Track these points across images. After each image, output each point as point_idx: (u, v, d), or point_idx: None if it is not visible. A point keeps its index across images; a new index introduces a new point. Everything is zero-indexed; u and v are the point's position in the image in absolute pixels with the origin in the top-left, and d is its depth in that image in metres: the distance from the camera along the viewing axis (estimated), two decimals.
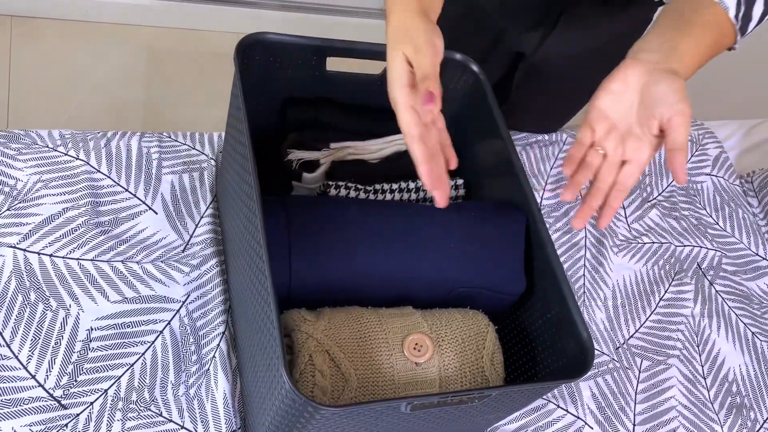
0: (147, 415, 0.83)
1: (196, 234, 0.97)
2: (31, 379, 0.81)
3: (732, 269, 1.23)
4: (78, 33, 2.03)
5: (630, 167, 0.73)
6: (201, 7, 2.11)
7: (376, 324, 0.78)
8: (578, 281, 1.12)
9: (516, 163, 0.86)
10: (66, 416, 0.80)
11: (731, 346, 1.13)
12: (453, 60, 0.92)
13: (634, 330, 1.11)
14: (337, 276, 0.80)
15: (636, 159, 0.72)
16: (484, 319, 0.83)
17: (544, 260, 0.82)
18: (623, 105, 0.72)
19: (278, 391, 0.66)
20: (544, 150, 1.25)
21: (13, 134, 0.98)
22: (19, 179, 0.94)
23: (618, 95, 0.72)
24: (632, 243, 1.19)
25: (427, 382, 0.76)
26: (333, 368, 0.74)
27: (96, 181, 0.97)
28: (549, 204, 1.19)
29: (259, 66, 0.87)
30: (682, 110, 0.69)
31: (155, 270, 0.92)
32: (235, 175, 0.83)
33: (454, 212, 0.87)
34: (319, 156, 0.92)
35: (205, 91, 2.04)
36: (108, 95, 1.95)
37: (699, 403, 1.06)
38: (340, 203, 0.85)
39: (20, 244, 0.89)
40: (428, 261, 0.83)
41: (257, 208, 0.69)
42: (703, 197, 1.31)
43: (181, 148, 1.05)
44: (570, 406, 1.00)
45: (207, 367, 0.87)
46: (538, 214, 0.83)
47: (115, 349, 0.86)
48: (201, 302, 0.92)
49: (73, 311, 0.87)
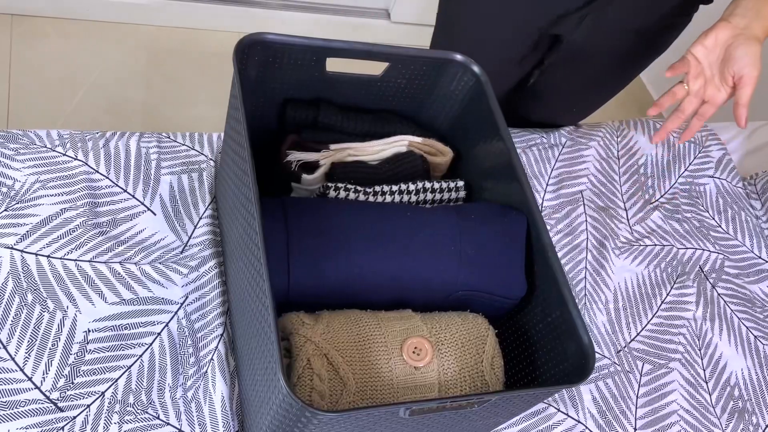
0: (144, 417, 0.82)
1: (195, 235, 0.97)
2: (27, 382, 0.81)
3: (734, 272, 1.22)
4: (78, 32, 2.03)
5: (708, 105, 0.96)
6: (201, 6, 2.11)
7: (375, 327, 0.77)
8: (579, 284, 1.12)
9: (517, 164, 0.85)
10: (62, 419, 0.80)
11: (733, 350, 1.13)
12: (454, 61, 0.91)
13: (635, 333, 1.10)
14: (335, 278, 0.79)
15: (713, 100, 0.95)
16: (484, 322, 0.82)
17: (544, 263, 0.81)
18: (711, 57, 0.93)
19: (276, 395, 0.65)
20: (544, 152, 1.24)
21: (11, 134, 0.98)
22: (17, 179, 0.94)
23: (709, 49, 0.93)
24: (634, 245, 1.19)
25: (426, 386, 0.76)
26: (331, 372, 0.73)
27: (94, 182, 0.97)
28: (550, 206, 1.19)
29: (259, 66, 0.87)
30: (750, 72, 0.91)
31: (153, 271, 0.92)
32: (234, 176, 0.82)
33: (454, 214, 0.86)
34: (319, 157, 0.91)
35: (205, 91, 2.03)
36: (107, 94, 1.94)
37: (700, 407, 1.05)
38: (339, 205, 0.85)
39: (18, 245, 0.89)
40: (428, 263, 0.82)
41: (256, 210, 0.68)
42: (705, 199, 1.30)
43: (180, 148, 1.04)
44: (570, 409, 0.99)
45: (205, 369, 0.87)
46: (539, 217, 0.82)
47: (112, 351, 0.85)
48: (199, 304, 0.91)
49: (70, 313, 0.86)
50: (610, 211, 1.22)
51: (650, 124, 1.34)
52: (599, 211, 1.20)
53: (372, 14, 2.28)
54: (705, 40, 0.93)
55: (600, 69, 1.19)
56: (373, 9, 2.28)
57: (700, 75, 0.94)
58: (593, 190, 1.23)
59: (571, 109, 1.30)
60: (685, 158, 1.33)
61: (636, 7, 1.06)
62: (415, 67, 0.91)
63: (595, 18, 1.05)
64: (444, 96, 0.96)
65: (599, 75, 1.21)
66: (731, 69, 0.92)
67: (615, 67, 1.19)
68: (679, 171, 1.32)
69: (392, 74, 0.92)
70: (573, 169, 1.24)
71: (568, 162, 1.24)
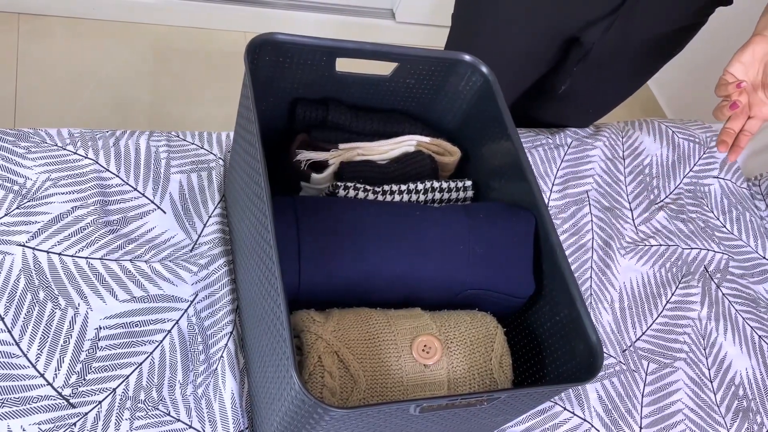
0: (155, 414, 0.83)
1: (205, 233, 0.97)
2: (39, 378, 0.82)
3: (739, 272, 1.22)
4: (85, 31, 2.04)
5: (754, 120, 0.93)
6: (208, 5, 2.11)
7: (385, 325, 0.78)
8: (585, 283, 1.12)
9: (525, 164, 0.85)
10: (74, 415, 0.80)
11: (738, 350, 1.13)
12: (462, 61, 0.92)
13: (640, 332, 1.10)
14: (345, 277, 0.80)
15: (758, 115, 0.92)
16: (492, 321, 0.83)
17: (553, 262, 0.82)
18: (750, 73, 0.91)
19: (288, 392, 0.66)
20: (549, 152, 1.25)
21: (22, 133, 0.99)
22: (28, 178, 0.94)
23: (747, 65, 0.91)
24: (639, 245, 1.19)
25: (436, 384, 0.76)
26: (342, 369, 0.74)
27: (105, 180, 0.98)
28: (556, 205, 1.19)
29: (269, 66, 0.87)
30: None
31: (163, 269, 0.92)
32: (245, 175, 0.83)
33: (463, 214, 0.87)
34: (328, 156, 0.92)
35: (213, 90, 2.04)
36: (115, 93, 1.95)
37: (705, 406, 1.06)
38: (349, 204, 0.85)
39: (29, 243, 0.89)
40: (437, 262, 0.83)
41: (267, 209, 0.69)
42: (710, 200, 1.30)
43: (190, 147, 1.05)
44: (576, 408, 0.99)
45: (215, 366, 0.87)
46: (548, 216, 0.83)
47: (123, 348, 0.86)
48: (209, 302, 0.92)
49: (81, 310, 0.87)
50: (616, 211, 1.22)
51: (655, 125, 1.35)
52: (605, 211, 1.21)
53: (377, 14, 2.29)
54: (742, 56, 0.91)
55: (619, 72, 1.19)
56: (378, 9, 2.29)
57: (743, 92, 0.92)
58: (599, 191, 1.23)
59: (587, 111, 1.30)
60: (689, 159, 1.34)
61: (661, 11, 1.06)
62: (424, 68, 0.92)
63: (623, 23, 1.06)
64: (452, 96, 0.97)
65: (618, 77, 1.22)
66: None
67: (634, 70, 1.20)
68: (684, 171, 1.32)
69: (401, 74, 0.92)
70: (578, 169, 1.25)
71: (574, 162, 1.25)
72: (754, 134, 0.93)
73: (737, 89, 0.90)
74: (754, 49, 0.90)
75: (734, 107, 0.90)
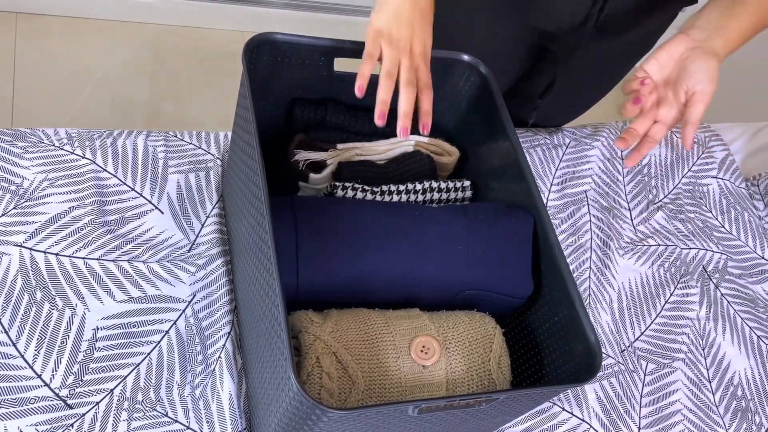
0: (153, 415, 0.83)
1: (202, 234, 0.97)
2: (36, 379, 0.81)
3: (737, 272, 1.22)
4: (83, 30, 2.03)
5: (659, 126, 0.86)
6: (207, 5, 2.11)
7: (383, 326, 0.77)
8: (583, 283, 1.12)
9: (524, 164, 0.85)
10: (72, 416, 0.80)
11: (736, 350, 1.13)
12: (461, 61, 0.92)
13: (639, 333, 1.10)
14: (344, 277, 0.80)
15: (664, 120, 0.86)
16: (491, 321, 0.83)
17: (551, 262, 0.82)
18: (665, 72, 0.86)
19: (285, 393, 0.66)
20: (548, 152, 1.25)
21: (19, 133, 0.98)
22: (25, 178, 0.94)
23: (663, 64, 0.86)
24: (638, 245, 1.19)
25: (434, 384, 0.76)
26: (340, 370, 0.73)
27: (102, 180, 0.97)
28: (555, 205, 1.19)
29: (267, 66, 0.87)
30: (703, 88, 0.82)
31: (161, 269, 0.92)
32: (242, 175, 0.83)
33: (462, 214, 0.87)
34: (326, 156, 0.92)
35: (211, 90, 2.04)
36: (113, 93, 1.95)
37: (704, 406, 1.06)
38: (347, 204, 0.85)
39: (26, 243, 0.89)
40: (435, 263, 0.83)
41: (265, 209, 0.69)
42: (709, 200, 1.30)
43: (187, 147, 1.05)
44: (575, 408, 0.99)
45: (213, 367, 0.87)
46: (546, 216, 0.83)
47: (120, 348, 0.86)
48: (207, 302, 0.92)
49: (79, 310, 0.86)
50: (614, 211, 1.22)
51: None
52: (603, 211, 1.21)
53: None
54: (659, 54, 0.86)
55: (597, 73, 1.20)
56: None
57: (654, 91, 0.87)
58: (597, 191, 1.23)
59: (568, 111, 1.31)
60: (688, 159, 1.34)
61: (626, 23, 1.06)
62: None
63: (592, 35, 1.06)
64: (451, 96, 0.97)
65: (596, 78, 1.22)
66: (684, 84, 0.84)
67: (610, 70, 1.21)
68: (683, 171, 1.32)
69: None
70: (577, 169, 1.24)
71: (572, 162, 1.25)
72: (658, 142, 0.87)
73: (641, 86, 0.86)
74: (673, 48, 0.85)
75: (637, 102, 0.85)
